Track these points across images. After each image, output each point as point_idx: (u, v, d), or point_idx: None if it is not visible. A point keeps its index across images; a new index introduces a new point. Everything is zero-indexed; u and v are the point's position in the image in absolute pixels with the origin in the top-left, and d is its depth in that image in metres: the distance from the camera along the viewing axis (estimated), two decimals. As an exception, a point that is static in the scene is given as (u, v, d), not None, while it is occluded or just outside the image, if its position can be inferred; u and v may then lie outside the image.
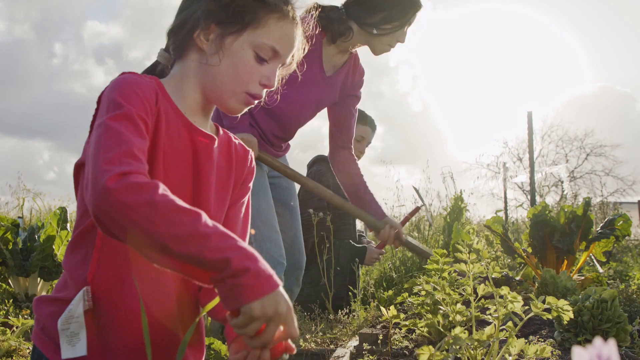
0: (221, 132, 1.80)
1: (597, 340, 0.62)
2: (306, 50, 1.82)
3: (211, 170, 1.69)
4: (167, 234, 1.28)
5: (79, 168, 1.57)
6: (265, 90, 1.69)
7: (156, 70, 1.78)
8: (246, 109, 1.73)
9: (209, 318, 5.32)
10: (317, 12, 2.63)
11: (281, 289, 1.32)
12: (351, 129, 3.65)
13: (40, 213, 9.97)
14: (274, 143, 3.43)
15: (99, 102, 1.53)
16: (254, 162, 1.88)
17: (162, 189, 1.32)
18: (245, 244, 1.33)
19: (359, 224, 5.60)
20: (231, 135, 1.84)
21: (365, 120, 5.17)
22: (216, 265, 1.29)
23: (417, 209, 4.45)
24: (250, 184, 1.86)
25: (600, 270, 4.92)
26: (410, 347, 2.75)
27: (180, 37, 1.68)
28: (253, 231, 3.04)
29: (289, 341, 1.41)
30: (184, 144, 1.63)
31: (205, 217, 1.33)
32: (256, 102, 1.70)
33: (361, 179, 3.65)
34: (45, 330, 1.58)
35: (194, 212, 1.32)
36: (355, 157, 3.72)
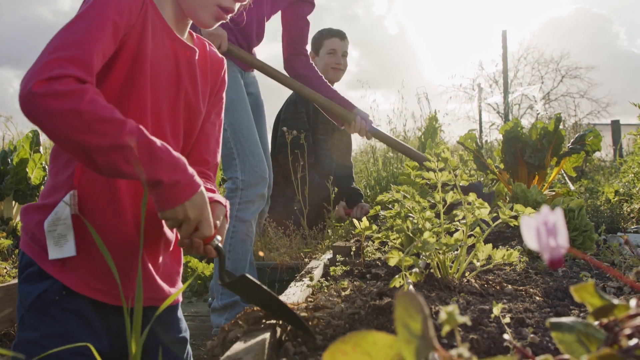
0: (196, 39, 1.82)
1: (544, 208, 0.64)
2: None
3: (191, 81, 1.73)
4: (90, 143, 1.33)
5: None
6: (238, 4, 1.69)
7: None
8: (218, 24, 1.73)
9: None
10: None
11: (196, 194, 1.46)
12: (304, 37, 3.63)
13: (13, 139, 9.82)
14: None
15: None
16: (226, 73, 1.91)
17: (91, 95, 1.34)
18: (167, 152, 1.42)
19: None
20: (205, 41, 1.86)
21: (329, 33, 5.04)
22: (133, 176, 1.39)
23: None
24: (224, 95, 1.89)
25: (572, 187, 5.00)
26: (383, 258, 2.81)
27: None
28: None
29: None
30: (167, 53, 1.66)
31: (130, 127, 1.37)
32: (228, 16, 1.71)
33: (321, 80, 3.65)
34: (34, 238, 1.61)
35: (118, 122, 1.36)
36: (312, 63, 3.72)
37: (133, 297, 1.64)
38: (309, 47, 3.76)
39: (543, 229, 0.63)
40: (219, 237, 1.58)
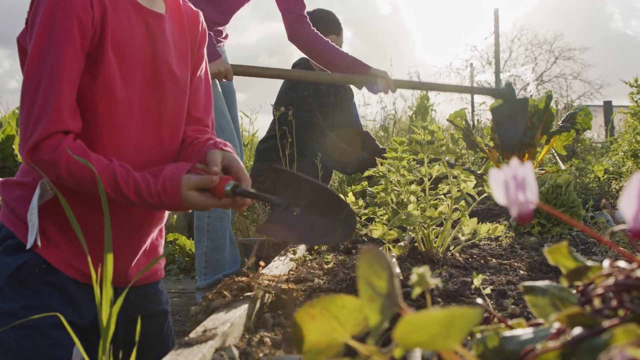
0: None
1: (514, 161, 0.61)
2: None
3: (168, 48, 1.68)
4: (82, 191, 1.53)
5: (21, 44, 1.59)
6: None
7: None
8: None
9: (174, 216, 5.36)
10: None
11: (183, 191, 1.52)
12: (300, 3, 3.46)
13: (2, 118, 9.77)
14: (214, 29, 3.29)
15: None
16: (204, 25, 1.86)
17: (66, 158, 1.45)
18: (145, 182, 1.51)
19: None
20: None
21: (327, 29, 4.49)
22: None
23: None
24: (205, 50, 1.85)
25: (562, 166, 4.99)
26: (369, 234, 2.79)
27: None
28: None
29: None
30: (137, 29, 1.60)
31: (107, 177, 1.48)
32: None
33: (325, 44, 3.45)
34: (14, 212, 1.60)
35: (95, 178, 1.43)
36: (313, 28, 3.51)
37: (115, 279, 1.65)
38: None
39: (512, 183, 0.60)
40: (230, 182, 1.56)
